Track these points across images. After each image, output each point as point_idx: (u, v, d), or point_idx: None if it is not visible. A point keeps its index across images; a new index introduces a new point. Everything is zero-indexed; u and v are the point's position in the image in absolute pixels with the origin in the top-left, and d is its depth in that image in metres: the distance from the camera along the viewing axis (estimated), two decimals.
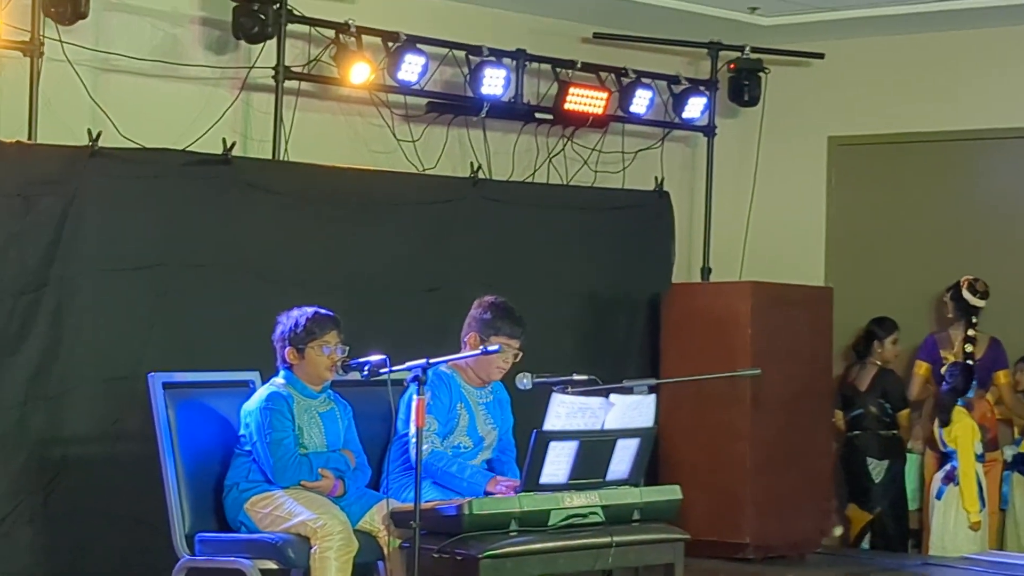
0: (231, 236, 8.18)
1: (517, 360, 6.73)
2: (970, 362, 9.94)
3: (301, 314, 6.48)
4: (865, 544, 10.34)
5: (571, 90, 9.81)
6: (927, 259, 10.56)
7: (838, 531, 10.23)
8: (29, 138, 7.64)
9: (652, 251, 10.28)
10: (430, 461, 6.42)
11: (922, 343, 10.30)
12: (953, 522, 9.74)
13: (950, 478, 9.75)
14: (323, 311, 6.49)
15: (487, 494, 6.35)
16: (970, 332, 10.05)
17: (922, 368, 10.25)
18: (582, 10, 9.92)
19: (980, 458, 9.76)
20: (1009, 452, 10.07)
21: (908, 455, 10.30)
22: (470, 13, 9.73)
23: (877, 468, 10.21)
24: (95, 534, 7.63)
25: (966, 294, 10.03)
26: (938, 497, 9.80)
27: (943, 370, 9.91)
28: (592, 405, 6.13)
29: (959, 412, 9.72)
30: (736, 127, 10.92)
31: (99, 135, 7.65)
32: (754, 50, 10.44)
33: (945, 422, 9.70)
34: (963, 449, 9.66)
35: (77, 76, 7.93)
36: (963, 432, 9.69)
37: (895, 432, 10.24)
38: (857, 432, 10.31)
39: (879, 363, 10.29)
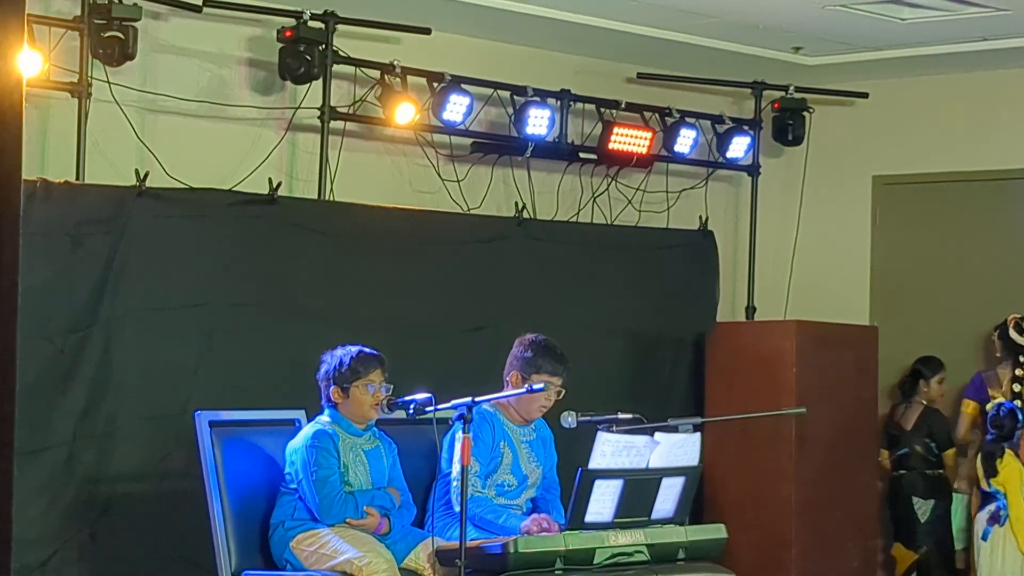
0: (277, 275, 8.22)
1: (560, 398, 6.72)
2: (1018, 402, 9.88)
3: (346, 353, 6.49)
4: None
5: (615, 130, 9.83)
6: (973, 298, 10.51)
7: None
8: (77, 178, 7.69)
9: (697, 290, 10.27)
10: (470, 506, 6.41)
11: (970, 382, 10.25)
12: (1000, 563, 9.67)
13: (995, 519, 9.68)
14: (368, 350, 6.50)
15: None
16: (1018, 372, 9.99)
17: (970, 407, 10.19)
18: (626, 50, 9.95)
19: None
20: None
21: (954, 495, 10.24)
22: (515, 54, 9.77)
23: (923, 508, 10.16)
24: (142, 572, 7.66)
25: (1013, 333, 9.98)
26: (984, 538, 9.74)
27: (988, 406, 9.86)
28: (637, 443, 6.13)
29: (1007, 454, 9.67)
30: (780, 166, 10.92)
31: (147, 175, 7.71)
32: (798, 89, 10.44)
33: (991, 473, 9.64)
34: (1012, 491, 9.60)
35: (125, 117, 7.99)
36: (1010, 474, 9.63)
37: (941, 472, 10.18)
38: (903, 471, 10.26)
39: (925, 402, 10.25)
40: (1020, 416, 9.75)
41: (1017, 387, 9.96)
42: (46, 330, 7.37)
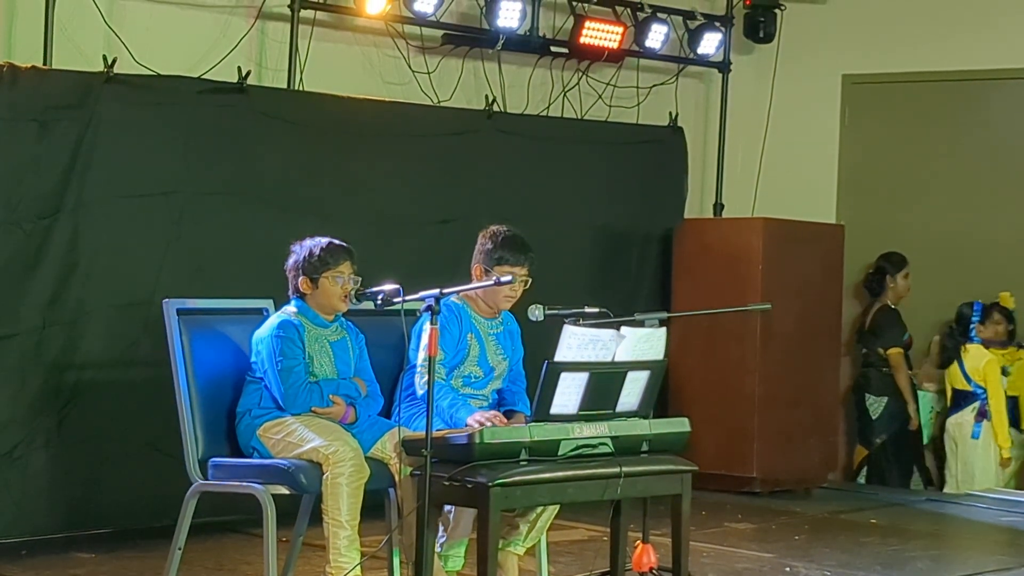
0: (245, 165, 8.21)
1: (527, 287, 6.72)
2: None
3: (315, 244, 6.47)
4: (861, 479, 10.44)
5: (587, 24, 9.80)
6: (939, 198, 10.56)
7: None
8: (44, 63, 7.64)
9: (665, 186, 10.31)
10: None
11: None
12: (993, 458, 9.85)
13: (983, 415, 9.84)
14: (336, 241, 6.48)
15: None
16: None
17: None
18: None
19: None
20: None
21: (920, 393, 10.38)
22: None
23: (875, 404, 10.32)
24: (109, 459, 7.71)
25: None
26: (975, 436, 9.85)
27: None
28: (603, 337, 6.14)
29: (978, 349, 9.83)
30: (751, 64, 10.91)
31: (114, 61, 7.67)
32: None
33: (944, 364, 9.88)
34: (992, 384, 9.78)
35: (92, 1, 7.91)
36: (990, 368, 9.80)
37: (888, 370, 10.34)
38: (863, 370, 10.42)
39: (891, 303, 10.38)
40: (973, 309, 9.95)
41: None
42: (13, 216, 7.37)
